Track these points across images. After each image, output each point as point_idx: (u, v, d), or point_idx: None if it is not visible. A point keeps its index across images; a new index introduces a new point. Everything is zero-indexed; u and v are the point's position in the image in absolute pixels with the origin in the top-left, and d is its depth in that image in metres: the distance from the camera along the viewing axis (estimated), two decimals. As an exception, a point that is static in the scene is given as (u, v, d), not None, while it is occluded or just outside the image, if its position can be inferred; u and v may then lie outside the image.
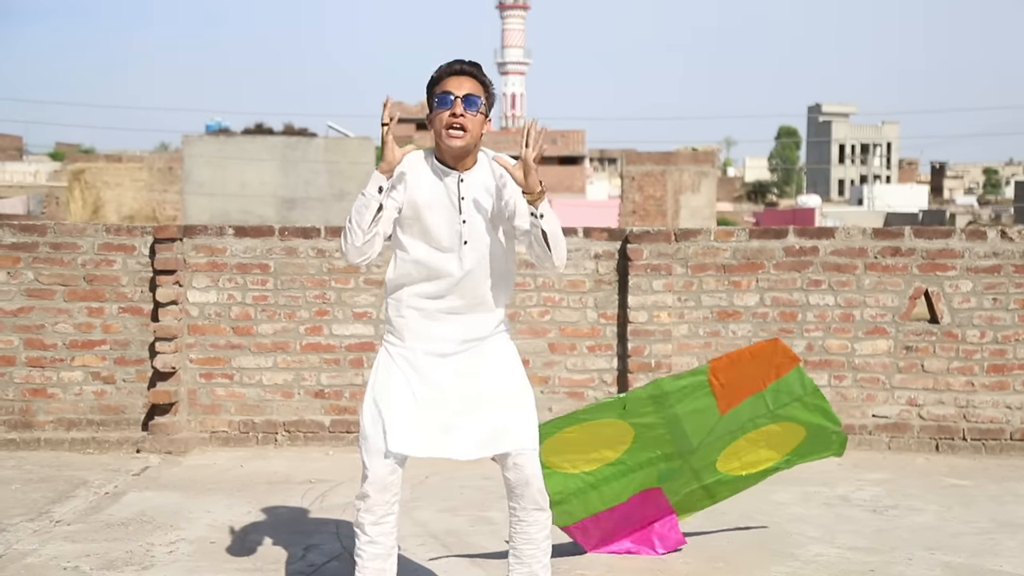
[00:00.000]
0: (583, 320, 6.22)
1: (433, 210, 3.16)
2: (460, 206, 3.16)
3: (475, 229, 3.17)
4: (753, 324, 6.18)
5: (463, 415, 3.14)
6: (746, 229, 6.27)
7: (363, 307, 6.22)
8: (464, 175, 3.17)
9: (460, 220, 3.15)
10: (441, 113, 3.11)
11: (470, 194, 3.17)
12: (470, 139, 3.12)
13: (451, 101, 3.10)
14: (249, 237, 6.20)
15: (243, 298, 6.20)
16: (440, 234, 3.16)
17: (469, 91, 3.12)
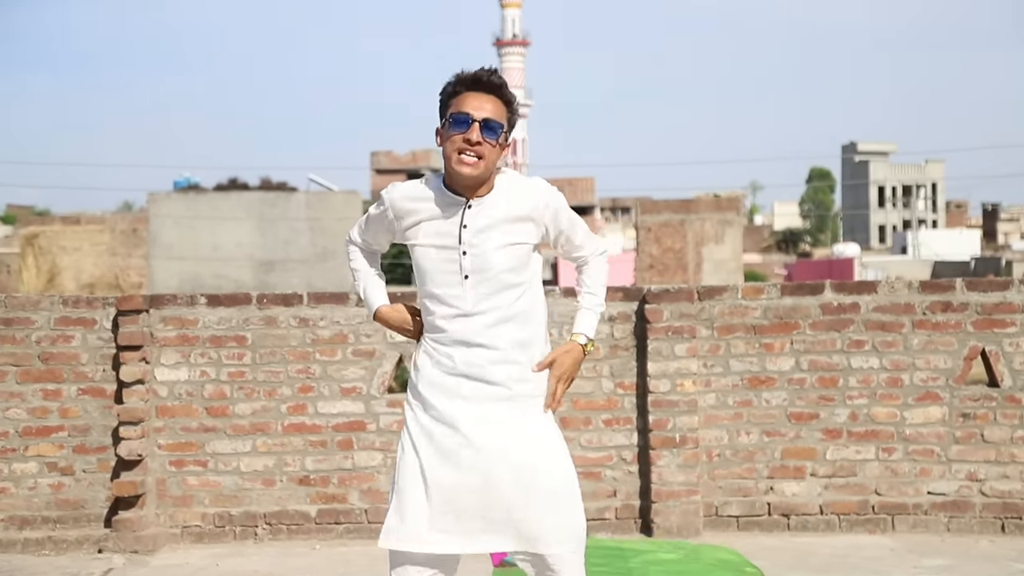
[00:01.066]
0: (598, 391, 6.21)
1: (432, 241, 3.15)
2: (460, 235, 3.13)
3: (480, 262, 3.12)
4: (789, 391, 6.17)
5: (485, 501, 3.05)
6: (777, 285, 6.28)
7: (352, 381, 6.22)
8: (474, 201, 3.14)
9: (460, 251, 3.13)
10: (454, 136, 3.09)
11: (476, 223, 3.13)
12: (483, 169, 3.10)
13: (467, 124, 3.08)
14: (223, 306, 6.22)
15: (217, 375, 6.20)
16: (440, 268, 3.15)
17: (489, 115, 3.09)
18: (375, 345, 6.20)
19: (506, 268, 3.15)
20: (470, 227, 3.14)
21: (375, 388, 6.21)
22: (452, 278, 3.14)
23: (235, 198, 28.99)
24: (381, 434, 6.21)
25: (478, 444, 3.06)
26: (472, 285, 3.13)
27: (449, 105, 3.14)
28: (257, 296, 6.25)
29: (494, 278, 3.14)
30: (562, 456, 3.11)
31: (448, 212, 3.15)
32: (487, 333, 3.13)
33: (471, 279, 3.13)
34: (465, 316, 3.13)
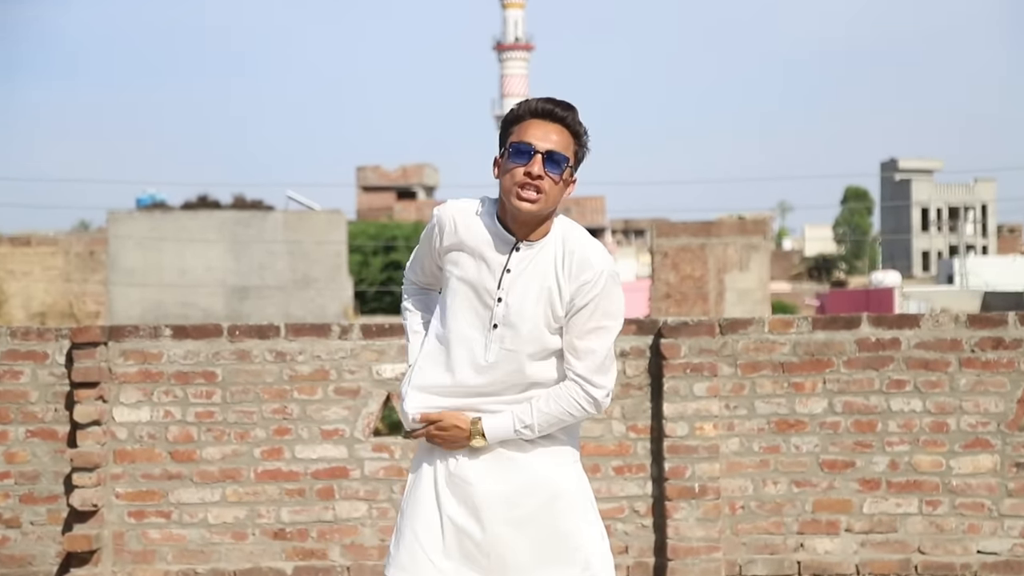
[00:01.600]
0: (608, 435, 6.21)
1: (469, 275, 3.17)
2: (501, 280, 3.15)
3: (514, 314, 3.14)
4: (821, 436, 6.17)
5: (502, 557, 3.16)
6: (809, 318, 6.29)
7: (333, 423, 6.22)
8: (523, 244, 3.16)
9: (495, 297, 3.15)
10: (515, 168, 3.11)
11: (521, 269, 3.15)
12: (543, 206, 3.12)
13: (530, 155, 3.10)
14: (191, 339, 6.23)
15: (183, 415, 6.20)
16: (468, 306, 3.17)
17: (555, 147, 3.12)
18: (360, 383, 6.21)
19: (539, 330, 3.16)
20: (514, 272, 3.16)
21: (359, 430, 6.21)
22: (479, 322, 3.16)
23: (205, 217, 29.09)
24: (366, 482, 6.20)
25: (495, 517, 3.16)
26: (498, 337, 3.15)
27: (510, 133, 3.17)
28: (229, 327, 6.26)
29: (525, 336, 3.15)
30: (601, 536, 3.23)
31: (493, 249, 3.17)
32: (507, 390, 3.17)
33: (499, 330, 3.15)
34: (479, 369, 3.16)
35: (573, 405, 3.22)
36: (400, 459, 6.22)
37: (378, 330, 6.26)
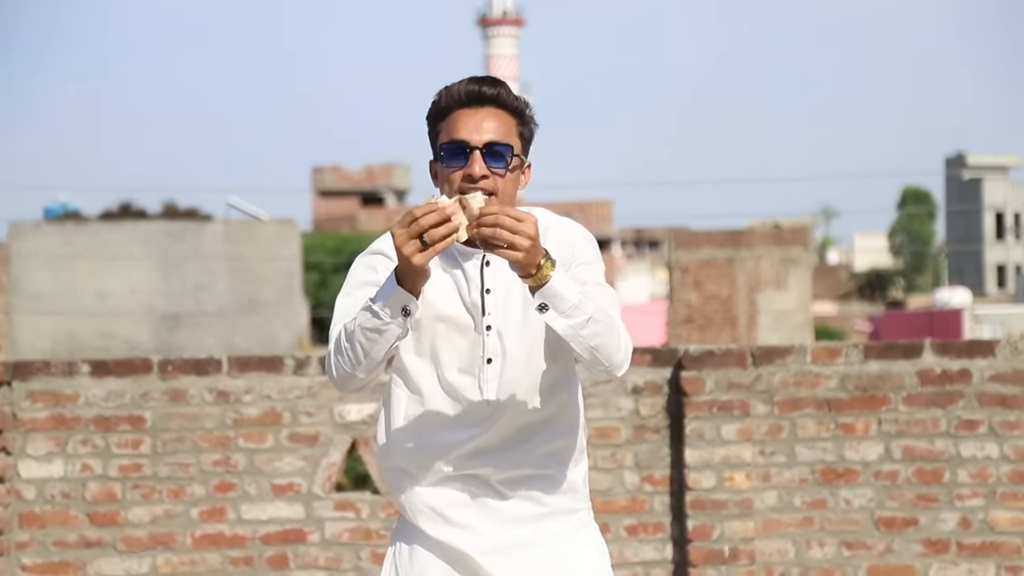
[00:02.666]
0: (618, 487, 6.22)
1: (441, 313, 3.17)
2: (483, 304, 3.17)
3: (509, 340, 3.17)
4: (876, 488, 6.18)
5: None
6: (860, 345, 6.31)
7: (287, 476, 6.22)
8: (492, 256, 3.16)
9: (483, 327, 3.16)
10: (452, 174, 3.13)
11: (503, 285, 3.17)
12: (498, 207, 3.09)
13: (466, 155, 3.12)
14: (114, 376, 6.23)
15: (105, 469, 6.20)
16: (451, 350, 3.17)
17: (493, 136, 3.13)
18: (319, 427, 6.21)
19: (545, 349, 3.18)
20: (495, 292, 3.17)
21: (318, 485, 6.21)
22: (468, 362, 3.17)
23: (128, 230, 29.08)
24: (326, 547, 6.20)
25: None
26: (496, 372, 3.17)
27: (439, 132, 3.18)
28: (159, 362, 6.26)
29: (527, 363, 3.17)
30: None
31: (459, 271, 3.18)
32: (509, 442, 3.18)
33: (495, 364, 3.16)
34: (480, 419, 3.16)
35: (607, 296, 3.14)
36: (368, 518, 6.22)
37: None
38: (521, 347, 3.18)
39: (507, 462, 3.21)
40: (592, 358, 3.08)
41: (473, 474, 3.21)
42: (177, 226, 29.57)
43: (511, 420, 3.19)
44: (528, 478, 3.22)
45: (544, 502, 3.24)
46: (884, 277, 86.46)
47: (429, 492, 3.24)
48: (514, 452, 3.20)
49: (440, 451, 3.21)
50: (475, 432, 3.19)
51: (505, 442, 3.20)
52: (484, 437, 3.19)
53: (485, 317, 3.17)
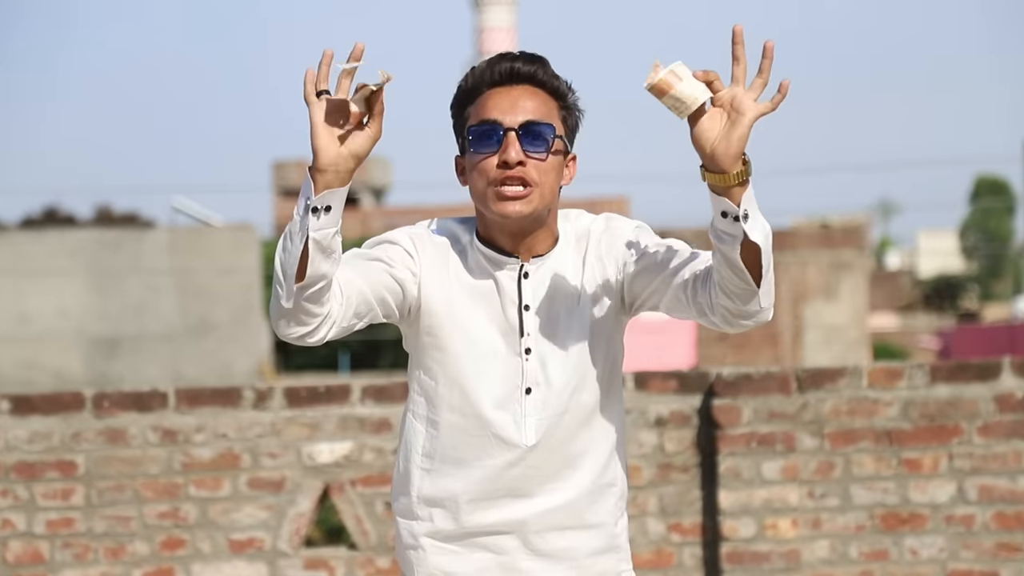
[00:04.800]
0: (640, 537, 6.22)
1: (469, 333, 3.18)
2: (522, 323, 3.18)
3: (553, 366, 3.19)
4: (948, 536, 6.18)
5: None
6: (926, 366, 6.31)
7: (247, 530, 6.22)
8: (532, 264, 3.19)
9: (521, 350, 3.18)
10: (483, 162, 3.14)
11: (540, 300, 3.19)
12: (539, 203, 3.15)
13: (500, 138, 3.13)
14: (39, 414, 6.23)
15: (29, 525, 6.19)
16: (483, 376, 3.18)
17: (531, 116, 3.15)
18: (285, 470, 6.21)
19: (593, 372, 3.21)
20: (534, 306, 3.19)
21: (285, 540, 6.21)
22: (504, 393, 3.18)
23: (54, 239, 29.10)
24: (294, 615, 6.19)
25: None
26: (537, 405, 3.18)
27: (466, 118, 3.19)
28: (94, 396, 6.26)
29: (573, 389, 3.20)
30: None
31: (492, 285, 3.19)
32: (547, 488, 3.20)
33: (536, 395, 3.18)
34: (514, 460, 3.18)
35: None
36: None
37: (310, 395, 6.26)
38: (567, 375, 3.19)
39: (543, 513, 3.22)
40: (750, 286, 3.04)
41: (501, 529, 3.23)
42: (112, 234, 29.60)
43: (551, 463, 3.21)
44: (566, 531, 3.24)
45: (584, 565, 3.26)
46: (955, 284, 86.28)
47: (444, 552, 3.25)
48: (552, 501, 3.22)
49: (462, 497, 3.22)
50: (507, 476, 3.20)
51: (542, 488, 3.21)
52: (518, 482, 3.20)
53: (524, 339, 3.18)
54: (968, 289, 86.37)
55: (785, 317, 30.96)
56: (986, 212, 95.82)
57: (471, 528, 3.21)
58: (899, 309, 72.04)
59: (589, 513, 3.25)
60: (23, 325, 27.87)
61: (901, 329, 58.22)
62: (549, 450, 3.19)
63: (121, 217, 34.82)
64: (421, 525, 3.25)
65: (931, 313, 73.64)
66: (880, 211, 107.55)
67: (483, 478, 3.19)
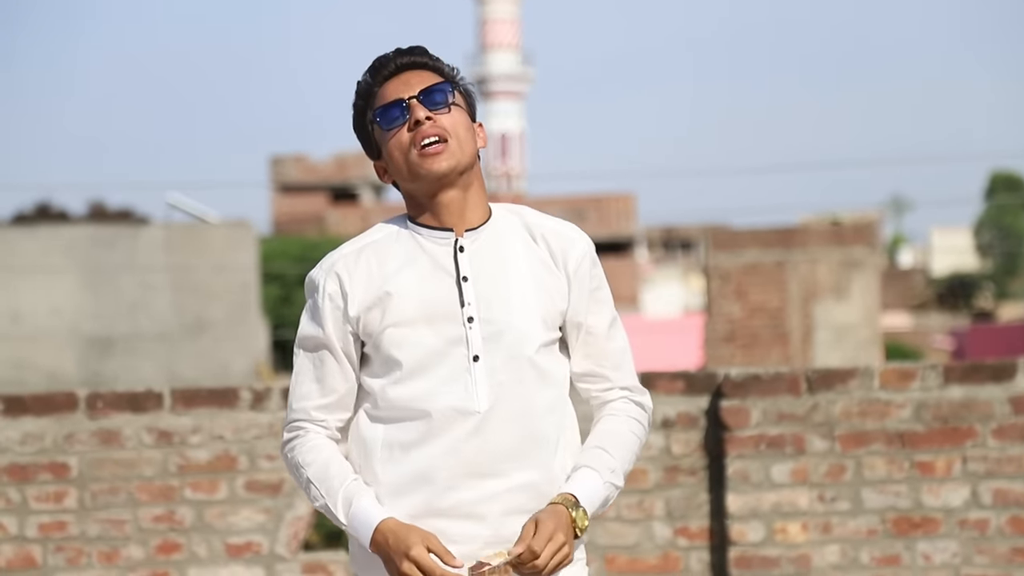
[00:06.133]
0: (647, 541, 6.22)
1: (412, 312, 3.31)
2: (461, 295, 3.32)
3: (501, 325, 3.31)
4: (962, 541, 6.17)
5: None
6: (939, 366, 6.31)
7: (245, 534, 6.22)
8: (467, 237, 3.35)
9: (464, 319, 3.30)
10: (396, 134, 3.34)
11: (480, 268, 3.33)
12: (459, 153, 3.33)
13: (403, 109, 3.33)
14: (31, 415, 6.23)
15: (21, 528, 6.20)
16: (429, 351, 3.30)
17: (425, 84, 3.36)
18: (282, 473, 6.20)
19: (540, 339, 3.34)
20: (473, 276, 3.32)
21: (282, 544, 6.21)
22: (451, 364, 3.29)
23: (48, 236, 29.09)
24: (292, 621, 6.20)
25: None
26: (487, 371, 3.29)
27: (370, 122, 3.40)
28: (87, 397, 6.26)
29: (521, 355, 3.32)
30: None
31: (429, 262, 3.33)
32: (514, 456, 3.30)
33: (484, 361, 3.29)
34: (474, 428, 3.28)
35: (639, 428, 3.44)
36: (343, 585, 6.21)
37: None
38: (512, 340, 3.31)
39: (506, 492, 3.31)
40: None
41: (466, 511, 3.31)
42: (107, 231, 29.59)
43: (509, 435, 3.31)
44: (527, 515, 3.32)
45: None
46: (969, 282, 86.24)
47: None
48: (514, 481, 3.31)
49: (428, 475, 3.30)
50: (468, 449, 3.29)
51: (504, 467, 3.31)
52: (480, 457, 3.29)
53: (465, 308, 3.30)
54: (983, 287, 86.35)
55: (795, 316, 30.92)
56: (1001, 209, 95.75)
57: (435, 512, 3.30)
58: (912, 308, 72.05)
59: (548, 493, 3.33)
60: (15, 324, 27.87)
61: (914, 328, 58.21)
62: (504, 420, 3.29)
63: (115, 213, 34.84)
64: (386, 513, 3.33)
65: (945, 312, 73.62)
66: (892, 208, 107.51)
67: (444, 453, 3.29)
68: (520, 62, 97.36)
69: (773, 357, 30.12)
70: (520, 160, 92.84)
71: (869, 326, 31.34)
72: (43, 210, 35.31)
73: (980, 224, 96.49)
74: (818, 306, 31.26)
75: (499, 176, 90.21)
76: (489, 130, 66.81)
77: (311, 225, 54.60)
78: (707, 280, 32.03)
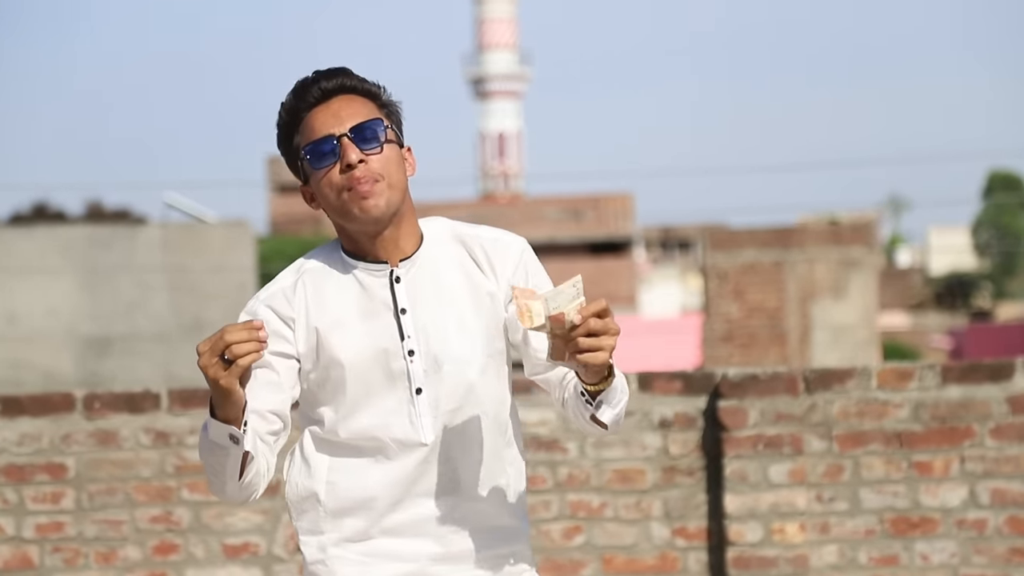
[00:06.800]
0: (644, 542, 6.22)
1: (351, 347, 3.30)
2: (400, 328, 3.30)
3: (436, 363, 3.31)
4: (960, 541, 6.17)
5: None
6: (937, 366, 6.31)
7: (242, 534, 6.23)
8: (400, 269, 3.34)
9: (404, 352, 3.30)
10: (328, 174, 3.28)
11: (419, 297, 3.32)
12: (391, 193, 3.29)
13: (334, 147, 3.28)
14: (28, 415, 6.23)
15: (18, 529, 6.20)
16: (368, 386, 3.30)
17: (357, 119, 3.30)
18: (279, 475, 6.19)
19: (482, 361, 3.33)
20: (411, 307, 3.31)
21: (280, 545, 6.21)
22: (395, 397, 3.29)
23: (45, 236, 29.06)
24: (290, 621, 6.20)
25: None
26: (430, 403, 3.29)
27: (296, 148, 3.33)
28: (84, 397, 6.26)
29: (464, 383, 3.31)
30: None
31: (363, 294, 3.32)
32: (459, 478, 3.30)
33: (427, 394, 3.29)
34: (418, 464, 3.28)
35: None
36: (340, 586, 6.21)
37: (304, 397, 6.25)
38: (454, 370, 3.30)
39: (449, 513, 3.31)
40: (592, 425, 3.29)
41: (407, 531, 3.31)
42: (104, 231, 29.55)
43: (452, 461, 3.31)
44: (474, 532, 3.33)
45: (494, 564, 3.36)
46: (967, 282, 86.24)
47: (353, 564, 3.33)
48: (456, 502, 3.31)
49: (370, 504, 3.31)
50: (411, 477, 3.29)
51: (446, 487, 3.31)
52: (423, 482, 3.30)
53: (405, 342, 3.29)
54: (981, 287, 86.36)
55: (792, 316, 30.92)
56: (999, 208, 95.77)
57: (379, 531, 3.31)
58: (910, 308, 72.02)
59: (491, 507, 3.34)
60: (11, 324, 27.85)
61: (912, 328, 58.21)
62: (449, 447, 3.29)
63: (112, 213, 34.84)
64: (329, 537, 3.35)
65: (943, 312, 73.60)
66: (890, 207, 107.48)
67: (388, 483, 3.29)
68: (517, 62, 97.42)
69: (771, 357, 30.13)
70: (518, 160, 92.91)
71: (867, 326, 31.35)
72: (40, 210, 35.33)
73: (978, 223, 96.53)
74: (816, 306, 31.27)
75: (496, 176, 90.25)
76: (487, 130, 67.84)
77: (308, 225, 54.56)
78: (705, 280, 32.06)
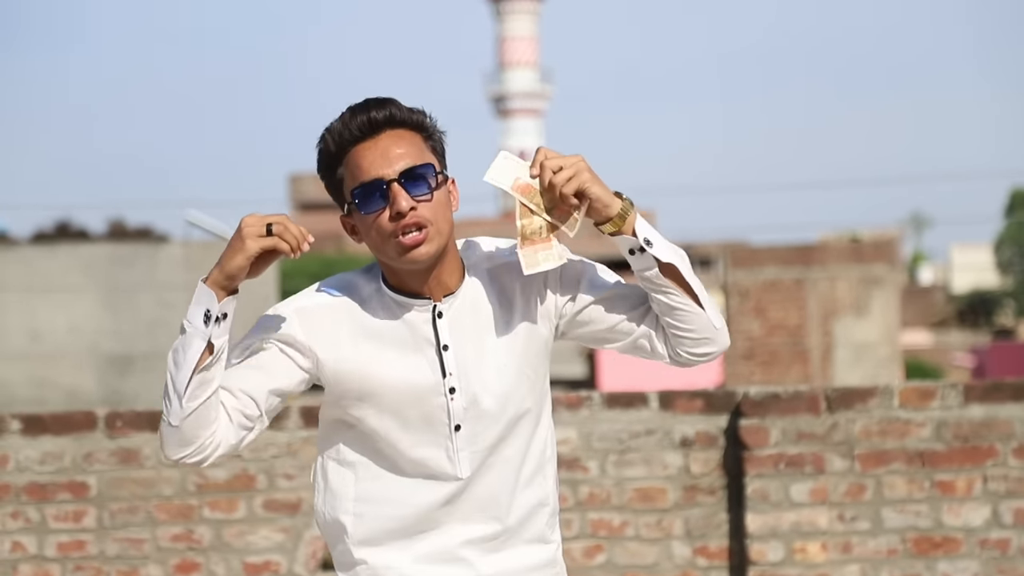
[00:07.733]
0: (666, 561, 6.21)
1: (390, 385, 3.27)
2: (443, 365, 3.27)
3: (483, 399, 3.28)
4: (983, 561, 6.16)
5: None
6: (960, 385, 6.29)
7: (263, 553, 6.23)
8: (443, 304, 3.29)
9: (445, 390, 3.27)
10: (376, 219, 3.23)
11: (460, 336, 3.28)
12: (440, 239, 3.24)
13: (384, 192, 3.21)
14: (50, 434, 6.24)
15: (40, 547, 6.21)
16: (408, 424, 3.27)
17: (407, 162, 3.24)
18: (301, 492, 6.21)
19: (520, 397, 3.31)
20: (453, 345, 3.27)
21: (301, 563, 6.21)
22: (430, 432, 3.27)
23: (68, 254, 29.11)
24: (311, 640, 6.20)
25: None
26: (468, 439, 3.27)
27: (339, 180, 3.28)
28: (107, 416, 6.27)
29: (502, 418, 3.29)
30: None
31: (405, 330, 3.27)
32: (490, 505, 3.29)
33: (465, 430, 3.27)
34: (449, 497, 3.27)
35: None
36: (361, 605, 6.21)
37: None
38: (496, 406, 3.28)
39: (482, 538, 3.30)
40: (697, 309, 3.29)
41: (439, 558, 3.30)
42: (126, 249, 29.58)
43: (488, 490, 3.30)
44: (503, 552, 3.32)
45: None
46: (989, 300, 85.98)
47: None
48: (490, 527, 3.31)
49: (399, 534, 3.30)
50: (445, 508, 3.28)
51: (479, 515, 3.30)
52: (456, 511, 3.29)
53: (447, 379, 3.26)
54: (1003, 305, 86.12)
55: (814, 334, 30.85)
56: (1022, 226, 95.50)
57: (410, 560, 3.29)
58: (932, 326, 71.85)
59: (524, 532, 3.32)
60: (34, 342, 27.86)
61: (934, 346, 58.01)
62: (484, 478, 3.28)
63: (134, 231, 34.84)
64: (360, 569, 3.36)
65: (965, 330, 73.40)
66: (912, 225, 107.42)
67: (419, 514, 3.28)
68: (538, 80, 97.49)
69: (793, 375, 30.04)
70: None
71: (889, 344, 31.27)
72: (63, 229, 35.36)
73: (1000, 241, 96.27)
74: (838, 324, 31.20)
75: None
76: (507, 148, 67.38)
77: (330, 243, 54.60)
78: (726, 297, 32.00)
